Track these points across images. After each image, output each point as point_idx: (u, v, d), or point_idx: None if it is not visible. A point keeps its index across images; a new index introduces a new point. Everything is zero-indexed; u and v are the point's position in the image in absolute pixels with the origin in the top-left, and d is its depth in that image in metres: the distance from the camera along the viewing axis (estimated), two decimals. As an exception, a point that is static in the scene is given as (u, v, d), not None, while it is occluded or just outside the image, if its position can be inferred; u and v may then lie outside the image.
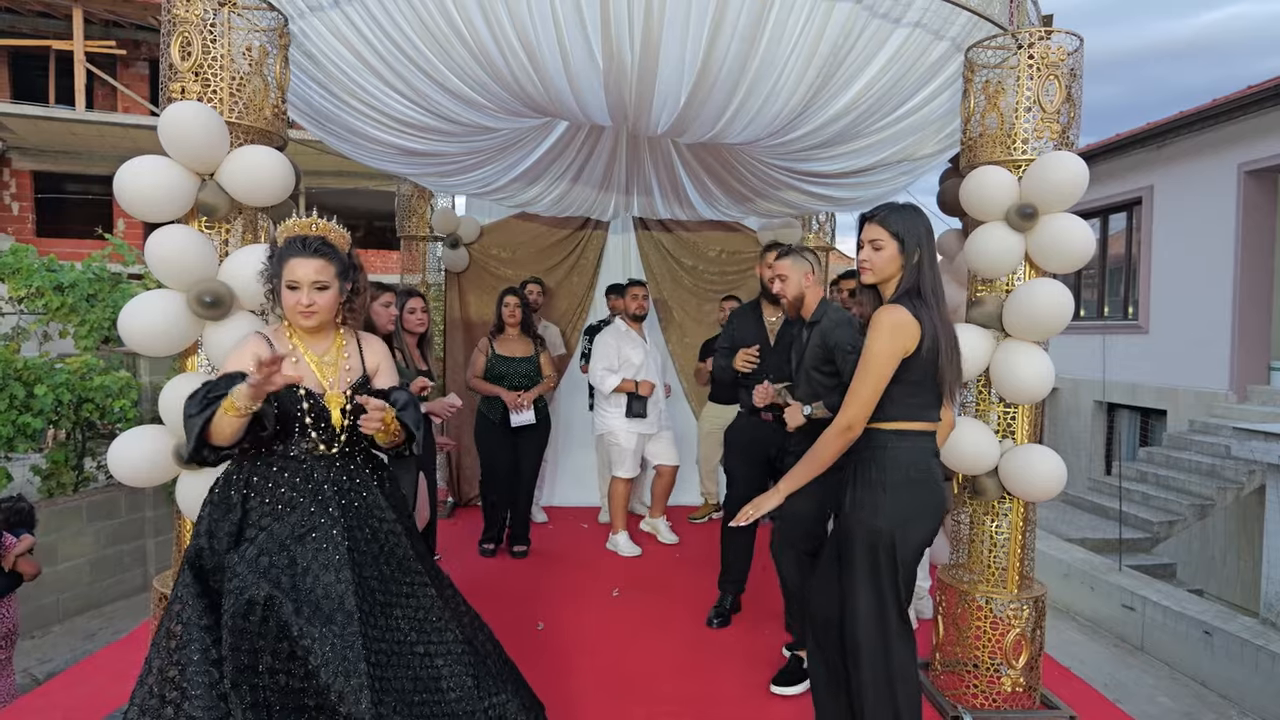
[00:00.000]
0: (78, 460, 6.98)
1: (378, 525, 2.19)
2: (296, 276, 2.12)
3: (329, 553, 2.05)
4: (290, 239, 2.18)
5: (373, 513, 2.20)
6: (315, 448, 2.15)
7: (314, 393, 2.15)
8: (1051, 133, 2.83)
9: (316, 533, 2.07)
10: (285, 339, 2.21)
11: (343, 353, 2.25)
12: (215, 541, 2.06)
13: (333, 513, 2.10)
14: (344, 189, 15.04)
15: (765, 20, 2.67)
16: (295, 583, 2.01)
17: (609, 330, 5.04)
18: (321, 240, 2.17)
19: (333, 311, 2.20)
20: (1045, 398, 2.97)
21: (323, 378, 2.19)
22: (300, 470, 2.13)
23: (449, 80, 3.03)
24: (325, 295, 2.15)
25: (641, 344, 4.94)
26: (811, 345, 3.21)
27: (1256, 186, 9.05)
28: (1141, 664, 6.21)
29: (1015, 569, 2.96)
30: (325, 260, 2.15)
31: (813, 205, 4.77)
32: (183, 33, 2.56)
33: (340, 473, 2.18)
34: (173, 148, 2.51)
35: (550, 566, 4.64)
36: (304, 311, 2.13)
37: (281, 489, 2.11)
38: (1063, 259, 2.82)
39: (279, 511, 2.09)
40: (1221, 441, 8.30)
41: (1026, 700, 2.93)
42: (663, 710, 3.00)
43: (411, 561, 2.22)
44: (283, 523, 2.07)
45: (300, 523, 2.07)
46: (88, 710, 2.85)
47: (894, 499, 2.27)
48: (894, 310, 2.24)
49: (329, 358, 2.22)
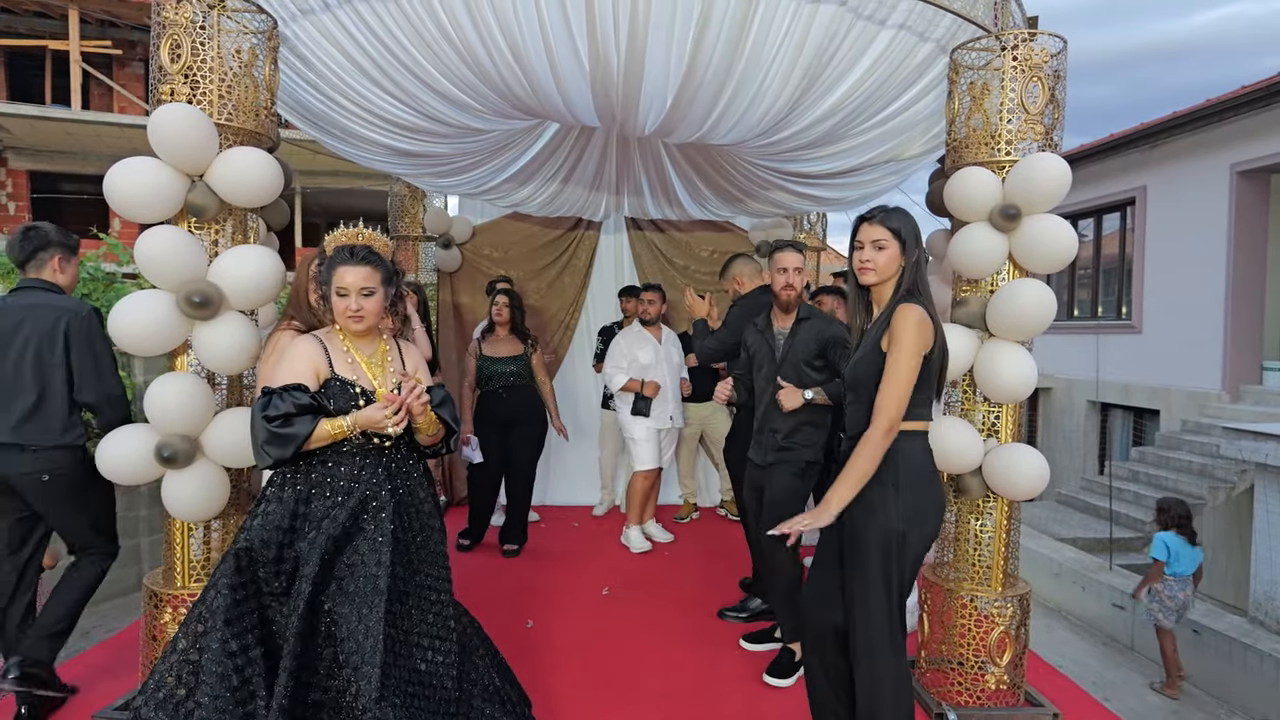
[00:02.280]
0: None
1: (415, 516, 2.33)
2: (345, 283, 2.25)
3: (374, 534, 2.20)
4: (338, 248, 2.30)
5: (415, 504, 2.34)
6: (368, 442, 2.27)
7: (367, 390, 2.28)
8: (1035, 134, 2.85)
9: (368, 515, 2.22)
10: (338, 342, 2.33)
11: (387, 356, 2.38)
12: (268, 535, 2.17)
13: (384, 496, 2.25)
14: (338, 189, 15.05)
15: (750, 22, 2.70)
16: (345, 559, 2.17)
17: (624, 332, 5.12)
18: (368, 249, 2.31)
19: (379, 315, 2.32)
20: (1029, 397, 2.99)
21: (373, 377, 2.32)
22: (354, 462, 2.26)
23: (438, 82, 3.05)
24: (371, 300, 2.27)
25: (654, 345, 4.98)
26: (802, 340, 3.25)
27: (1249, 187, 9.09)
28: (1131, 663, 6.24)
29: (1000, 567, 2.98)
30: (371, 267, 2.27)
31: (802, 205, 4.79)
32: (172, 35, 2.58)
33: (391, 461, 2.32)
34: (162, 149, 2.53)
35: (541, 565, 4.66)
36: (353, 316, 2.26)
37: (340, 481, 2.25)
38: (1045, 259, 2.84)
39: (337, 502, 2.22)
40: (1213, 441, 8.33)
41: (1011, 698, 2.95)
42: (652, 706, 3.02)
43: (441, 558, 2.37)
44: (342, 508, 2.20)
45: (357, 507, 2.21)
46: (81, 706, 2.87)
47: (905, 499, 2.26)
48: (915, 309, 2.24)
49: (375, 359, 2.36)
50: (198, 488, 2.64)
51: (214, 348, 2.59)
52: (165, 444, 2.57)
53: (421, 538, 2.33)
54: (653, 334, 5.03)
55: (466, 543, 4.87)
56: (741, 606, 3.93)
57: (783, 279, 3.29)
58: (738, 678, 3.27)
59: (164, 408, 2.57)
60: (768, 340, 3.37)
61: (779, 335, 3.35)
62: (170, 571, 2.77)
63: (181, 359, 2.70)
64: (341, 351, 2.32)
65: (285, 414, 2.14)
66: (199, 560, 2.75)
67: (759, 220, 5.89)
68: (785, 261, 3.29)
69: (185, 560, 2.74)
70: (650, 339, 5.00)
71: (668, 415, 4.97)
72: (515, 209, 5.50)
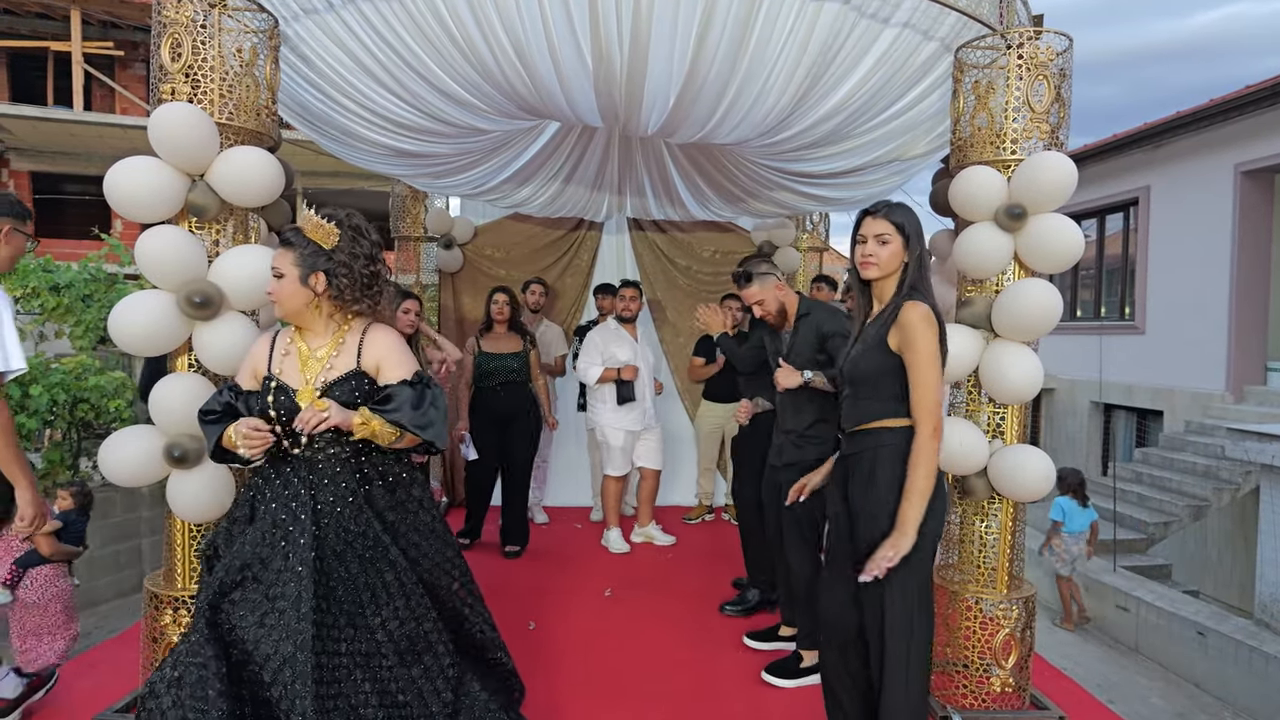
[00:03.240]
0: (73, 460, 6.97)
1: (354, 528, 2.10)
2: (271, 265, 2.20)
3: (294, 563, 2.01)
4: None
5: (352, 515, 2.11)
6: (292, 449, 2.12)
7: (286, 388, 2.12)
8: (1041, 133, 2.83)
9: (284, 538, 2.05)
10: (287, 334, 2.24)
11: (337, 349, 2.18)
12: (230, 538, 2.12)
13: (303, 518, 2.06)
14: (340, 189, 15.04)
15: (754, 21, 2.68)
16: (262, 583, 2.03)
17: (597, 329, 5.09)
18: (293, 229, 2.19)
19: (297, 300, 2.15)
20: (1034, 398, 2.98)
21: (304, 372, 2.15)
22: (269, 470, 2.16)
23: (441, 81, 3.04)
24: (280, 284, 2.15)
25: (630, 342, 4.96)
26: (804, 336, 3.29)
27: (1253, 186, 9.06)
28: (1135, 665, 6.22)
29: (1005, 569, 2.96)
30: (284, 248, 2.16)
31: (805, 205, 4.78)
32: (173, 34, 2.57)
33: (321, 475, 2.12)
34: (163, 148, 2.51)
35: (543, 566, 4.65)
36: (269, 299, 2.21)
37: (254, 488, 2.17)
38: (1051, 259, 2.82)
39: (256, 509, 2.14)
40: (1217, 442, 8.30)
41: (1016, 700, 2.93)
42: (655, 707, 3.01)
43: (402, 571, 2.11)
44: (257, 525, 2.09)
45: (273, 525, 2.07)
46: (83, 707, 2.86)
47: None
48: (920, 305, 2.24)
49: (322, 353, 2.18)
50: (203, 488, 2.62)
51: (214, 348, 2.57)
52: (175, 444, 2.56)
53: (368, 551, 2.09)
54: (629, 332, 5.01)
55: (466, 541, 4.86)
56: (740, 600, 3.96)
57: (758, 310, 3.45)
58: (741, 678, 3.25)
59: (170, 408, 2.56)
60: (778, 342, 3.46)
61: (785, 335, 3.42)
62: (171, 573, 2.76)
63: (182, 359, 2.69)
64: (285, 344, 2.20)
65: (210, 410, 2.11)
66: (198, 561, 2.74)
67: (762, 220, 5.87)
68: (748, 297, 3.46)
69: (186, 561, 2.72)
70: (627, 337, 4.98)
71: (644, 415, 4.95)
72: (516, 209, 5.49)
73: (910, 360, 2.22)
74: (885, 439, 2.28)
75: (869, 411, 2.31)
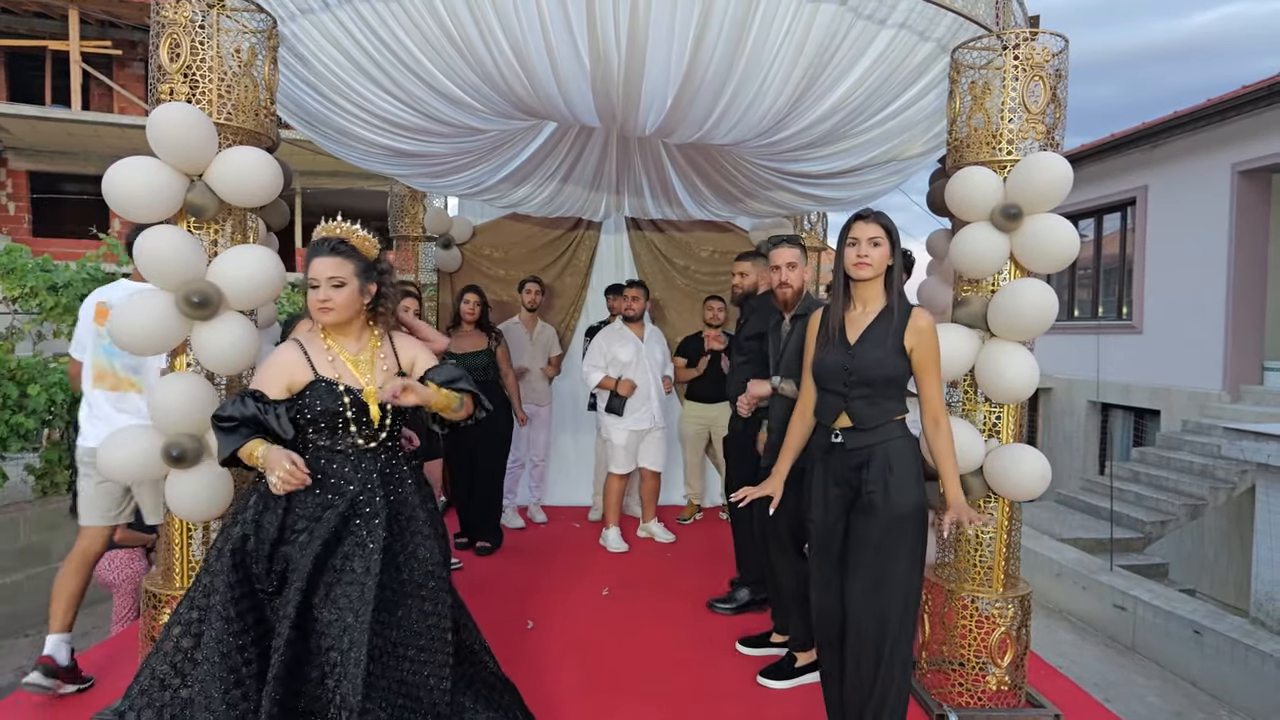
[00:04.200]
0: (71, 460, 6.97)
1: (409, 523, 2.28)
2: (315, 274, 2.22)
3: (366, 539, 2.16)
4: (313, 241, 2.28)
5: (408, 511, 2.29)
6: (356, 442, 2.24)
7: (354, 389, 2.24)
8: (1037, 133, 2.84)
9: (360, 519, 2.18)
10: (319, 342, 2.29)
11: (378, 353, 2.33)
12: (261, 532, 2.14)
13: (378, 502, 2.21)
14: (338, 189, 15.04)
15: (750, 22, 2.69)
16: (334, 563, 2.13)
17: (605, 330, 5.12)
18: (340, 240, 2.27)
19: (352, 309, 2.26)
20: (1032, 397, 2.99)
21: (359, 375, 2.27)
22: (349, 461, 2.23)
23: (438, 81, 3.04)
24: (341, 292, 2.22)
25: (635, 343, 4.98)
26: (798, 336, 3.24)
27: (1250, 186, 9.08)
28: (1132, 664, 6.23)
29: (1000, 568, 2.97)
30: (341, 258, 2.23)
31: (802, 205, 4.79)
32: (171, 34, 2.57)
33: (385, 465, 2.28)
34: (161, 148, 2.52)
35: (541, 565, 4.66)
36: (321, 307, 2.22)
37: (331, 479, 2.21)
38: (1047, 259, 2.83)
39: (329, 500, 2.18)
40: (1214, 442, 8.32)
41: (1012, 699, 2.94)
42: (652, 707, 3.01)
43: (436, 566, 2.28)
44: (333, 510, 2.16)
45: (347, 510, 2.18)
46: (80, 706, 2.86)
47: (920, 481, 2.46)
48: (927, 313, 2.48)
49: (364, 356, 2.31)
50: (202, 488, 2.63)
51: (213, 348, 2.58)
52: (174, 443, 2.56)
53: (413, 545, 2.26)
54: (635, 331, 5.03)
55: (464, 540, 4.90)
56: (729, 598, 3.97)
57: (776, 276, 3.32)
58: (738, 679, 3.26)
59: (169, 408, 2.56)
60: (774, 340, 3.43)
61: (783, 334, 3.37)
62: (169, 572, 2.76)
63: (180, 359, 2.69)
64: (322, 351, 2.28)
65: (229, 417, 2.14)
66: (198, 561, 2.74)
67: (759, 220, 5.88)
68: (778, 259, 3.32)
69: (184, 561, 2.73)
70: (631, 336, 5.00)
71: (649, 415, 4.96)
72: (514, 209, 5.50)
73: (927, 363, 2.45)
74: (896, 431, 2.46)
75: (886, 410, 2.46)
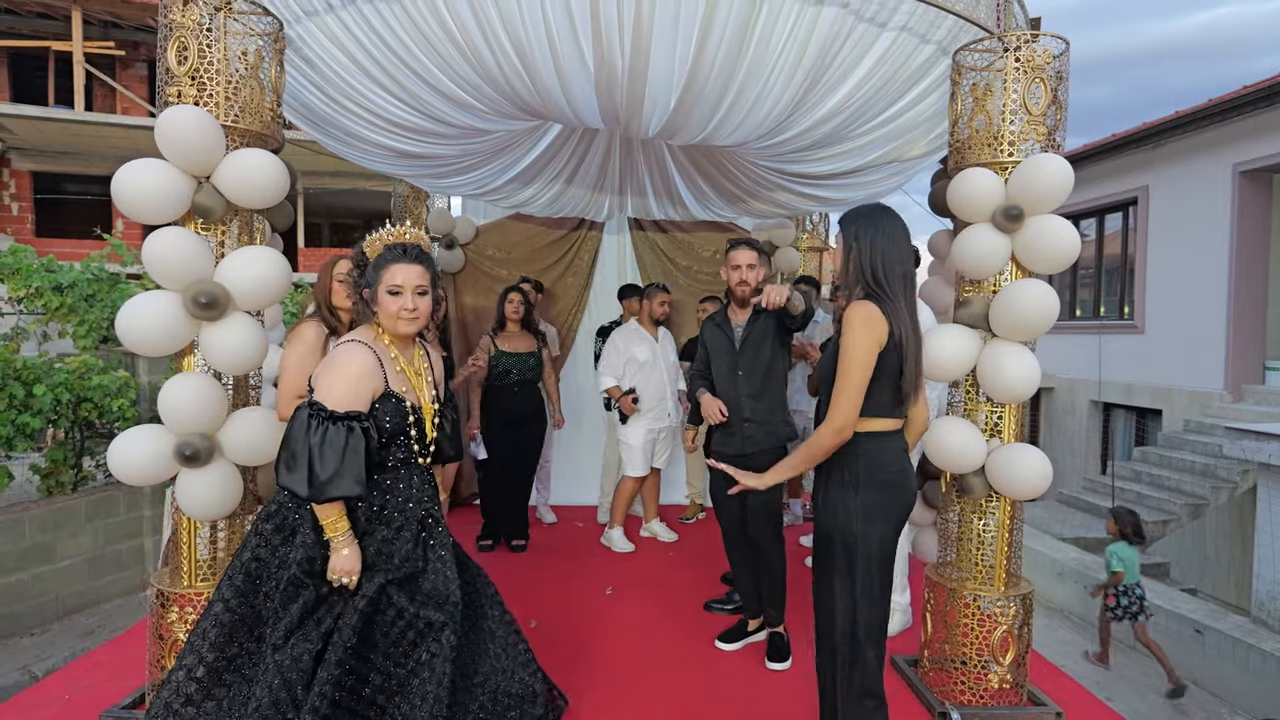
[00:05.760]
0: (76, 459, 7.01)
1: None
2: (399, 281, 2.17)
3: (437, 549, 2.25)
4: (390, 246, 2.25)
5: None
6: (412, 458, 2.25)
7: (415, 406, 2.22)
8: (1038, 135, 2.86)
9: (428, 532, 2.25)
10: (385, 349, 2.22)
11: (423, 362, 2.32)
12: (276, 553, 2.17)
13: (436, 513, 2.28)
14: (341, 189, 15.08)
15: (753, 24, 2.71)
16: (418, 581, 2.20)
17: (620, 330, 5.10)
18: (419, 248, 2.26)
19: (429, 317, 2.27)
20: (1034, 397, 3.00)
21: (417, 389, 2.26)
22: (402, 478, 2.22)
23: (442, 83, 3.06)
24: (426, 300, 2.22)
25: (650, 342, 4.98)
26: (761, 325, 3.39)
27: (1251, 186, 9.09)
28: (1133, 662, 6.25)
29: (1002, 566, 2.99)
30: (424, 266, 2.23)
31: (805, 206, 4.80)
32: (179, 38, 2.59)
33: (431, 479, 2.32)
34: (169, 151, 2.54)
35: (546, 564, 4.68)
36: (409, 316, 2.18)
37: (389, 495, 2.19)
38: (1049, 260, 2.85)
39: (389, 518, 2.18)
40: (1215, 441, 8.33)
41: (1013, 697, 2.96)
42: (655, 706, 3.03)
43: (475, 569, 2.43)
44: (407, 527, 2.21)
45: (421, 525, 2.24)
46: (86, 706, 2.88)
47: (862, 500, 2.32)
48: (860, 306, 2.30)
49: (415, 366, 2.29)
50: (213, 487, 2.65)
51: (220, 348, 2.60)
52: (186, 443, 2.58)
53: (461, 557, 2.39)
54: (649, 332, 5.05)
55: (489, 543, 4.92)
56: (727, 599, 3.99)
57: (736, 275, 3.45)
58: (742, 677, 3.28)
59: (179, 407, 2.58)
60: (725, 333, 3.49)
61: (737, 328, 3.47)
62: (178, 571, 2.78)
63: (188, 359, 2.72)
64: (390, 360, 2.21)
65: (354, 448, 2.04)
66: (205, 560, 2.77)
67: (762, 220, 5.90)
68: (738, 259, 3.45)
69: (193, 560, 2.75)
70: (646, 336, 5.00)
71: (665, 413, 4.98)
72: (518, 210, 5.51)
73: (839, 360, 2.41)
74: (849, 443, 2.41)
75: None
